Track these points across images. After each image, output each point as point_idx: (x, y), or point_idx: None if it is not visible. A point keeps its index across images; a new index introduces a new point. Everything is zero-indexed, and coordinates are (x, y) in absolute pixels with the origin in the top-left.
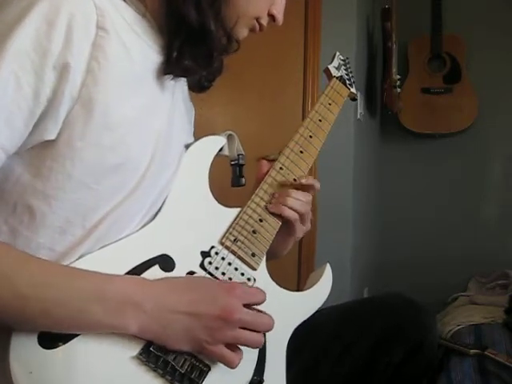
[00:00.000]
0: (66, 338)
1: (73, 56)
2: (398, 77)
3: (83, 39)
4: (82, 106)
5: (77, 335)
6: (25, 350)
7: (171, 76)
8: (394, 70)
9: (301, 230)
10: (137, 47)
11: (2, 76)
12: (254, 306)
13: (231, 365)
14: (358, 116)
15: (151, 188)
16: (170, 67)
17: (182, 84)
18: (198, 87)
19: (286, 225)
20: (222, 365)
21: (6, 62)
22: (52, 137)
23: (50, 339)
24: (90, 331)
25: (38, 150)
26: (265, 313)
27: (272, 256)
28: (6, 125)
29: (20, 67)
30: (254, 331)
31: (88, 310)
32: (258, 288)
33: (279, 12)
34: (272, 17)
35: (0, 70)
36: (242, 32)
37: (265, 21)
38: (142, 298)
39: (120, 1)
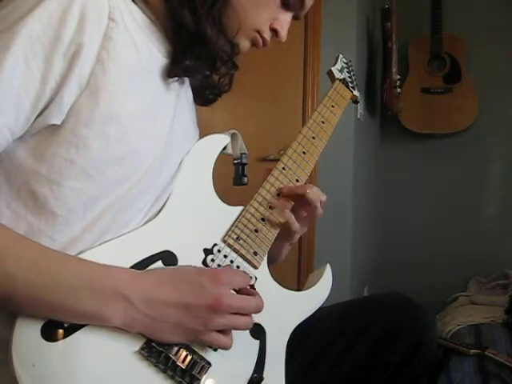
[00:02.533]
0: (68, 330)
1: (83, 44)
2: (398, 77)
3: (95, 28)
4: (89, 94)
5: (79, 328)
6: (27, 343)
7: (175, 78)
8: (394, 70)
9: (298, 234)
10: (144, 44)
11: (12, 58)
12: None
13: (227, 347)
14: (358, 116)
15: (154, 184)
16: (173, 68)
17: (187, 90)
18: (202, 100)
19: (284, 230)
20: (222, 362)
21: (17, 45)
22: (57, 122)
23: (53, 331)
24: (73, 320)
25: (44, 136)
26: (253, 292)
27: (271, 260)
28: (13, 107)
29: (31, 51)
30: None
31: (75, 298)
32: (241, 271)
33: (282, 28)
34: (274, 32)
35: (11, 53)
36: (243, 43)
37: (267, 35)
38: (130, 292)
39: (132, 4)
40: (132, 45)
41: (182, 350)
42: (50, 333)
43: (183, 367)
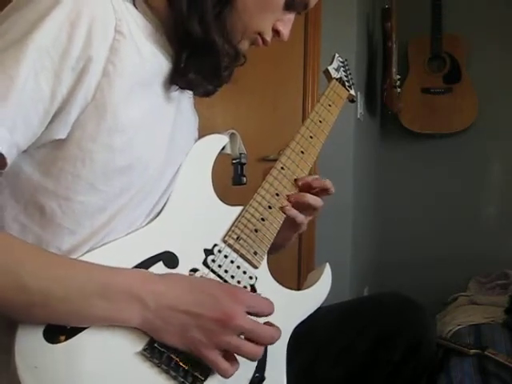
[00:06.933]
0: (71, 332)
1: (91, 58)
2: (398, 77)
3: (102, 42)
4: (94, 107)
5: (82, 330)
6: (30, 345)
7: (176, 86)
8: (394, 70)
9: (304, 224)
10: (149, 52)
11: (21, 73)
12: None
13: (224, 374)
14: (358, 116)
15: (156, 187)
16: (176, 78)
17: (188, 92)
18: (201, 91)
19: (291, 222)
20: None
21: (26, 59)
22: (62, 136)
23: (56, 333)
24: (92, 324)
25: (49, 150)
26: (272, 325)
27: (277, 249)
28: (22, 122)
29: (40, 65)
30: (255, 342)
31: (91, 304)
32: (266, 299)
33: (284, 28)
34: (277, 32)
35: (20, 67)
36: (243, 44)
37: (268, 36)
38: (145, 294)
39: (134, 9)
40: (137, 55)
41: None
42: (52, 335)
43: (186, 368)
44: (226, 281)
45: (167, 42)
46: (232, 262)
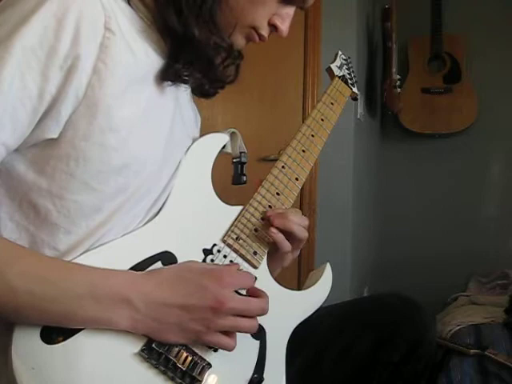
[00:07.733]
0: (69, 332)
1: (80, 56)
2: (398, 77)
3: (91, 40)
4: (86, 106)
5: (79, 330)
6: (27, 345)
7: (170, 82)
8: (394, 70)
9: (290, 256)
10: (142, 49)
11: (7, 72)
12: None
13: (228, 348)
14: (358, 116)
15: (154, 186)
16: (167, 72)
17: (186, 89)
18: (200, 93)
19: (275, 253)
20: (222, 363)
21: (12, 58)
22: (54, 135)
23: (53, 334)
24: (81, 326)
25: (42, 149)
26: (259, 292)
27: None
28: (9, 121)
29: (26, 64)
30: (248, 317)
31: (82, 305)
32: (246, 272)
33: (282, 23)
34: (274, 27)
35: (6, 66)
36: (237, 40)
37: (265, 31)
38: (134, 296)
39: (126, 5)
40: (129, 53)
41: (182, 351)
42: (49, 335)
43: (183, 368)
44: None
45: (160, 37)
46: (231, 261)
